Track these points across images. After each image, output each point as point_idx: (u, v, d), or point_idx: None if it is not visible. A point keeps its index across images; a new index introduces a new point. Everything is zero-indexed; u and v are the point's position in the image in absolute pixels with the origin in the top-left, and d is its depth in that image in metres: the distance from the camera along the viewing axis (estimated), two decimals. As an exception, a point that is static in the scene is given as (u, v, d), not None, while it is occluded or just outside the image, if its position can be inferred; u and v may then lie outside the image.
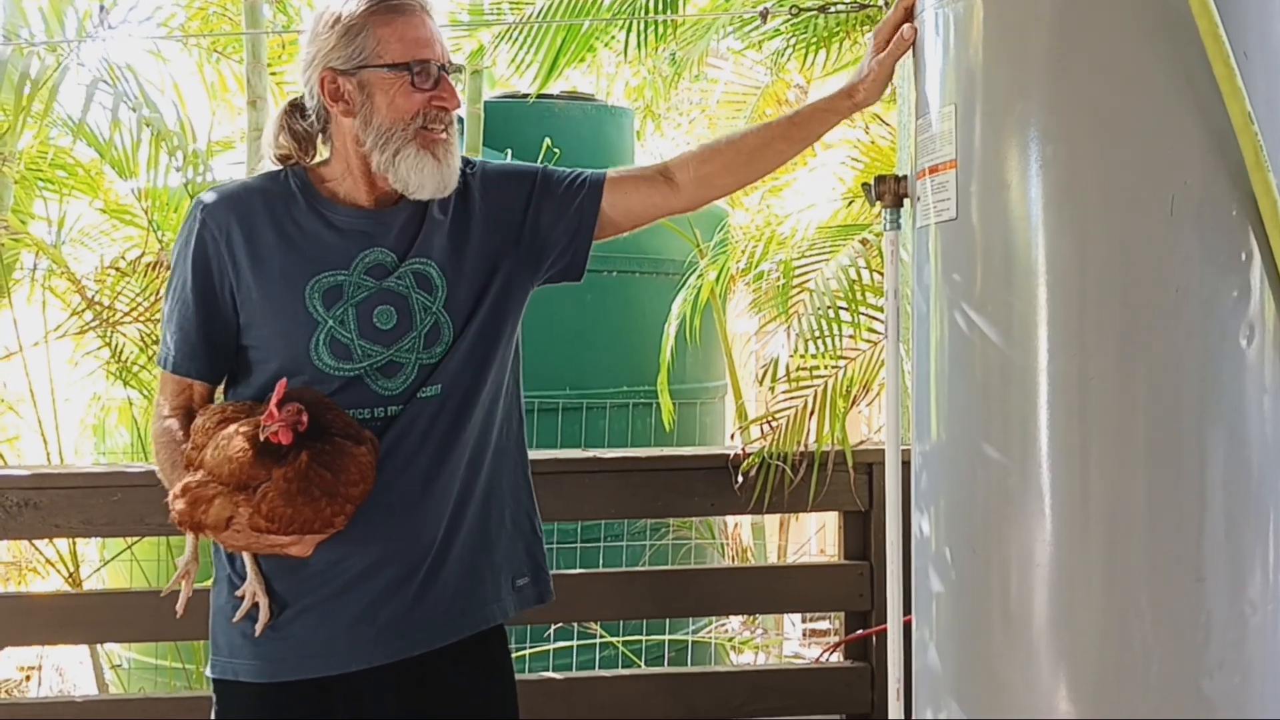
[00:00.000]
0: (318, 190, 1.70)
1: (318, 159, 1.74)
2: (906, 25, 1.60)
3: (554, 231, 1.77)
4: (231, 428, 1.56)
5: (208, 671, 1.71)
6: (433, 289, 1.68)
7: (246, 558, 1.64)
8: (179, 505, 1.58)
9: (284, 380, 1.51)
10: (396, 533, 1.66)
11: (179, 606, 1.68)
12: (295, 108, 1.72)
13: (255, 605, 1.64)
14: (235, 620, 1.65)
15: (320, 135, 1.71)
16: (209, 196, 1.71)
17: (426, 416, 1.67)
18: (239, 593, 1.65)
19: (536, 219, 1.76)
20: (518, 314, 1.78)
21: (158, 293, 3.62)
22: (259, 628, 1.63)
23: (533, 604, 1.80)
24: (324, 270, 1.65)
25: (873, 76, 1.69)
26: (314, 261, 1.65)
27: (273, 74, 3.97)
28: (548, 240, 1.77)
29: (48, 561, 3.89)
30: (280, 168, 1.72)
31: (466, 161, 1.79)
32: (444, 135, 1.66)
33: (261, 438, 1.50)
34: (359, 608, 1.65)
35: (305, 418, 1.50)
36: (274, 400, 1.49)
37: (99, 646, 3.87)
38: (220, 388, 1.76)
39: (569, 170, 1.81)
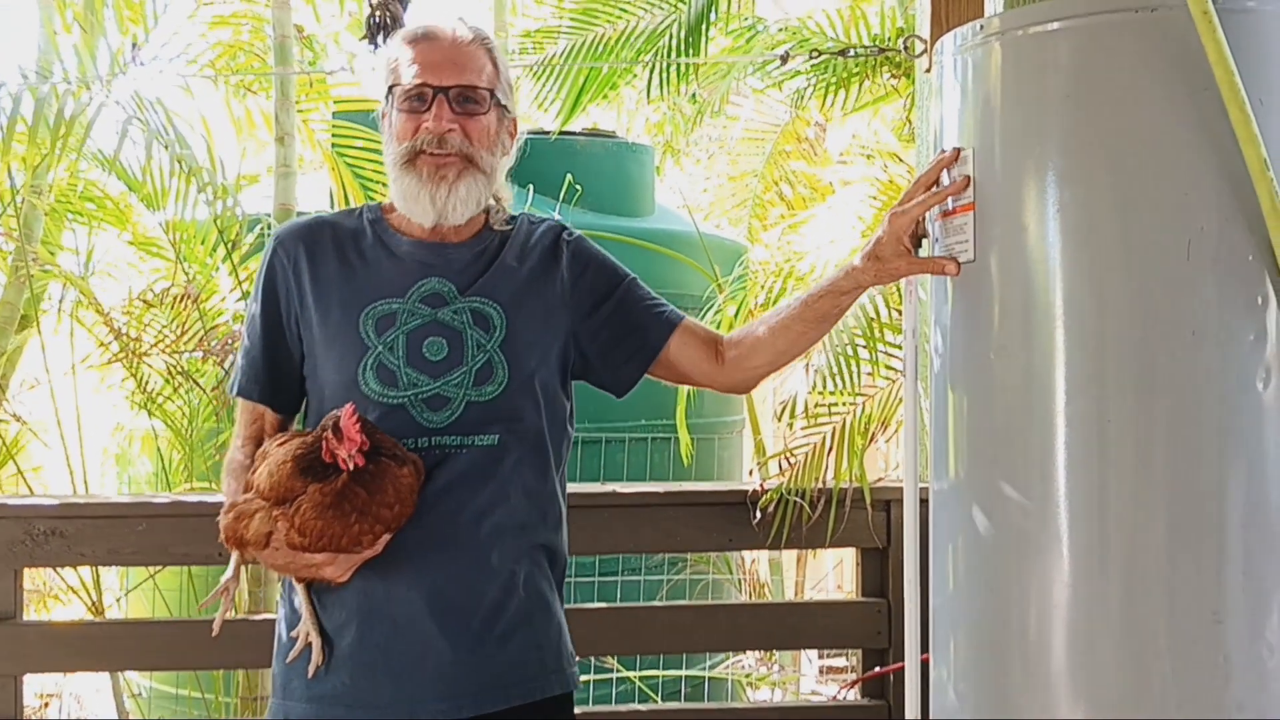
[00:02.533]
0: (386, 222, 1.73)
1: None
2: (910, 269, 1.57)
3: (617, 345, 1.75)
4: (279, 446, 1.58)
5: (267, 713, 1.69)
6: (490, 328, 1.65)
7: (301, 597, 1.63)
8: (225, 520, 1.58)
9: (352, 404, 1.50)
10: (449, 582, 1.61)
11: (215, 624, 1.67)
12: None
13: (308, 645, 1.62)
14: (289, 661, 1.62)
15: None
16: (283, 229, 1.74)
17: (487, 464, 1.63)
18: (294, 633, 1.63)
19: (606, 321, 1.74)
20: (570, 393, 1.75)
21: (183, 324, 3.66)
22: (311, 669, 1.60)
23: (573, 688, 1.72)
24: (380, 298, 1.65)
25: (887, 258, 1.58)
26: (371, 289, 1.66)
27: (300, 111, 4.02)
28: (606, 347, 1.75)
29: (70, 589, 3.91)
30: (364, 205, 1.75)
31: (563, 226, 1.78)
32: (439, 158, 1.62)
33: (347, 462, 1.48)
34: (411, 657, 1.60)
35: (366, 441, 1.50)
36: (351, 422, 1.48)
37: (119, 675, 3.89)
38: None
39: (650, 293, 1.79)
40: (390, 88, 1.67)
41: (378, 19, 3.26)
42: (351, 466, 1.49)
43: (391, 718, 1.60)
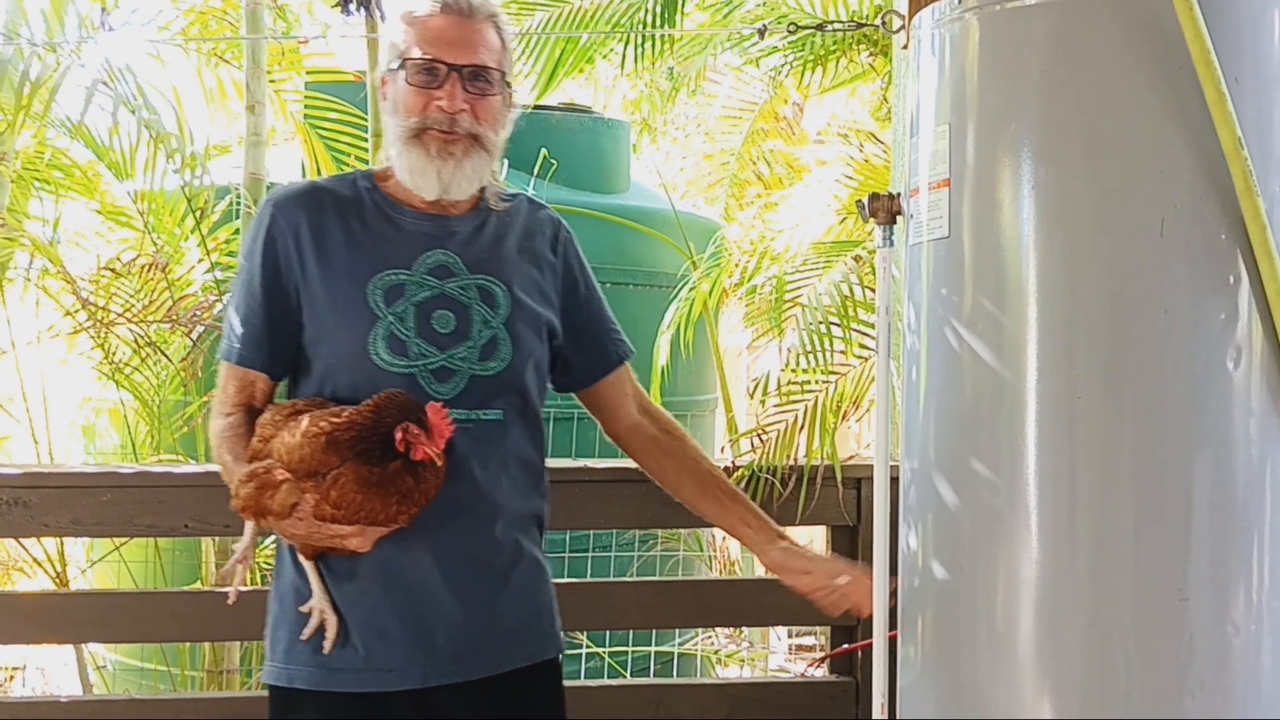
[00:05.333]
0: (383, 191, 1.73)
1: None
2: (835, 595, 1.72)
3: (576, 352, 1.82)
4: (305, 418, 1.57)
5: (264, 677, 1.70)
6: (496, 305, 1.69)
7: (310, 572, 1.64)
8: (246, 490, 1.58)
9: (437, 404, 1.54)
10: (461, 549, 1.66)
11: (231, 594, 1.69)
12: None
13: (323, 622, 1.63)
14: (304, 638, 1.63)
15: None
16: (280, 194, 1.73)
17: (493, 437, 1.68)
18: (305, 608, 1.64)
19: (572, 326, 1.80)
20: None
21: (152, 294, 3.61)
22: (328, 645, 1.62)
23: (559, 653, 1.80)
24: (387, 268, 1.66)
25: (795, 561, 1.77)
26: (378, 259, 1.67)
27: (272, 80, 3.97)
28: (566, 350, 1.81)
29: (35, 561, 3.87)
30: (356, 170, 1.76)
31: (561, 220, 1.83)
32: (447, 136, 1.64)
33: (435, 458, 1.52)
34: (422, 624, 1.64)
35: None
36: (446, 422, 1.52)
37: (84, 648, 3.86)
38: (281, 388, 1.76)
39: (611, 316, 1.86)
40: (400, 57, 1.66)
41: (351, -13, 3.23)
42: (441, 463, 1.53)
43: (404, 686, 1.64)
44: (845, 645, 2.53)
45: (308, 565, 1.64)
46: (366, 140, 3.63)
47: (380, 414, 1.53)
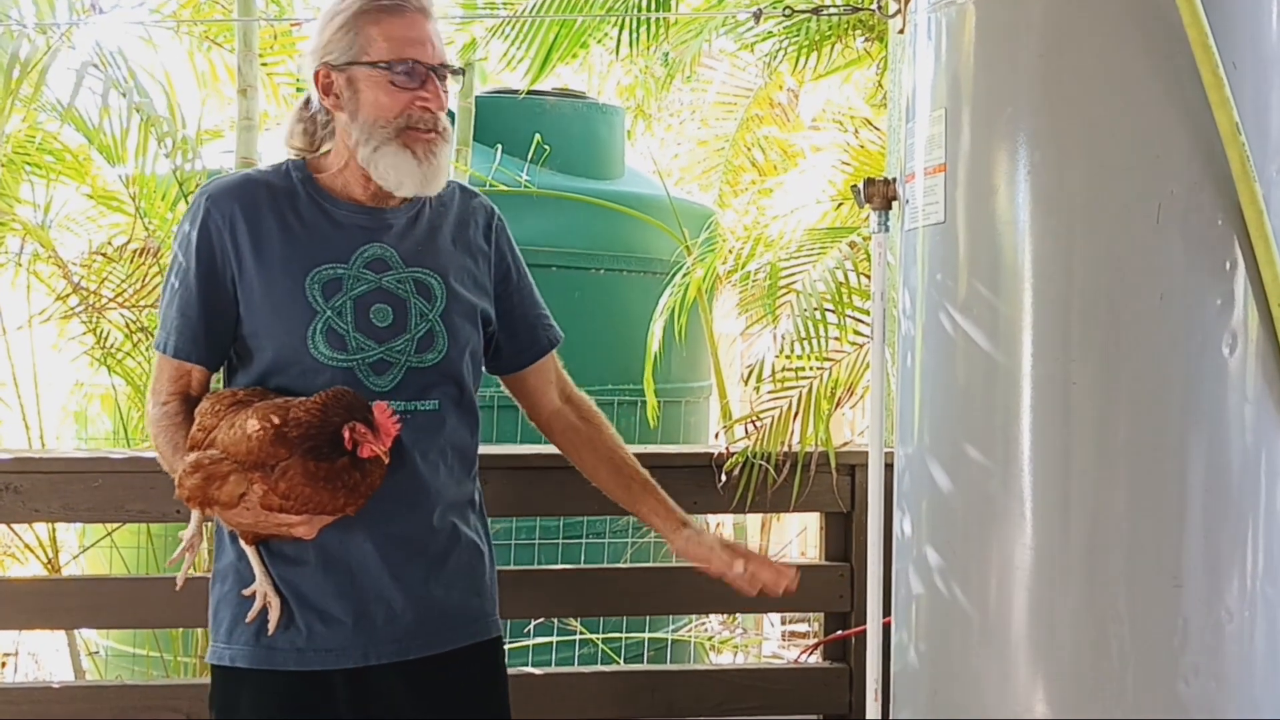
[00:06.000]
0: (317, 183, 1.73)
1: (321, 152, 1.77)
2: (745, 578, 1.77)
3: (509, 338, 1.85)
4: (250, 410, 1.58)
5: (208, 658, 1.73)
6: (432, 298, 1.72)
7: (252, 556, 1.66)
8: (192, 480, 1.59)
9: (383, 404, 1.56)
10: (400, 533, 1.69)
11: (179, 579, 1.70)
12: (309, 100, 1.76)
13: (265, 604, 1.66)
14: (249, 620, 1.66)
15: (323, 129, 1.75)
16: (214, 186, 1.72)
17: (429, 427, 1.70)
18: (247, 591, 1.67)
19: (504, 314, 1.83)
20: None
21: (144, 279, 3.60)
22: (271, 627, 1.65)
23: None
24: (324, 262, 1.67)
25: (695, 549, 1.80)
26: (314, 253, 1.68)
27: (264, 63, 3.94)
28: (499, 336, 1.84)
29: (26, 547, 3.86)
30: (286, 160, 1.76)
31: (493, 207, 1.86)
32: (429, 135, 1.67)
33: (382, 455, 1.55)
34: (361, 606, 1.68)
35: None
36: (392, 422, 1.55)
37: (76, 633, 3.85)
38: (216, 376, 1.77)
39: (541, 302, 1.89)
40: (374, 56, 1.65)
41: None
42: (387, 460, 1.57)
43: (344, 665, 1.67)
44: (839, 632, 2.53)
45: (249, 550, 1.67)
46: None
47: (327, 413, 1.56)
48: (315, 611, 1.67)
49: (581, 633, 3.69)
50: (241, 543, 1.67)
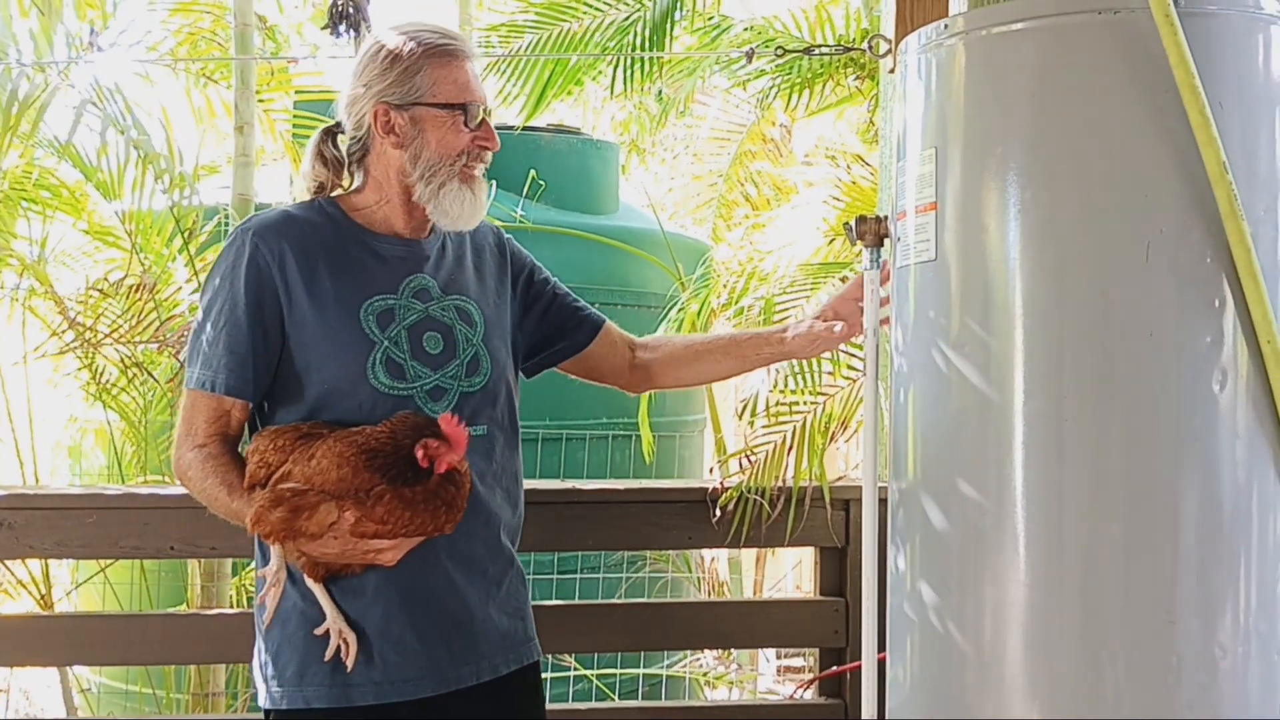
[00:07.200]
0: (352, 219, 1.77)
1: (347, 187, 1.81)
2: (842, 326, 1.83)
3: (548, 342, 1.93)
4: (328, 441, 1.60)
5: (264, 703, 1.70)
6: (473, 323, 1.78)
7: (321, 594, 1.65)
8: (277, 514, 1.58)
9: (447, 415, 1.61)
10: (469, 555, 1.73)
11: (267, 618, 1.69)
12: (328, 135, 1.80)
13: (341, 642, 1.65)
14: (327, 659, 1.65)
15: (355, 164, 1.79)
16: (256, 222, 1.74)
17: (481, 450, 1.74)
18: (319, 631, 1.66)
19: (540, 321, 1.91)
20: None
21: (139, 314, 3.60)
22: (350, 663, 1.65)
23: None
24: (375, 294, 1.72)
25: (808, 335, 1.86)
26: (365, 285, 1.72)
27: (260, 100, 3.97)
28: (538, 343, 1.93)
29: (19, 583, 3.84)
30: (312, 197, 1.79)
31: (497, 230, 1.93)
32: (479, 173, 1.76)
33: (441, 469, 1.58)
34: (436, 632, 1.69)
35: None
36: (460, 430, 1.57)
37: (68, 670, 3.83)
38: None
39: (571, 293, 1.97)
40: (428, 100, 1.71)
41: (340, 8, 3.24)
42: (465, 469, 1.61)
43: (421, 694, 1.68)
44: (834, 667, 2.52)
45: (317, 588, 1.65)
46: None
47: (396, 437, 1.59)
48: (390, 642, 1.67)
49: (576, 669, 3.68)
50: (308, 581, 1.65)
